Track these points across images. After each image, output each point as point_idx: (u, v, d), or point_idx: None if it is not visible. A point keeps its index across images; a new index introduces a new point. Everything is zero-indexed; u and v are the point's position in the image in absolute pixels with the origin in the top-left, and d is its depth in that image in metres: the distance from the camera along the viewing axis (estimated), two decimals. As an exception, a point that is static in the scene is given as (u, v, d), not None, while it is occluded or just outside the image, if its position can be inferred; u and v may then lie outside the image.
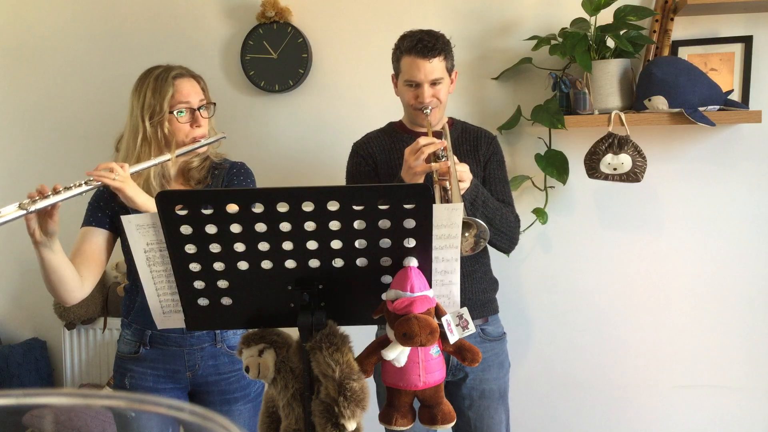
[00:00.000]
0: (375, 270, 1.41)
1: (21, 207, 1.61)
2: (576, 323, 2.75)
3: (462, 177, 1.89)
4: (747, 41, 2.51)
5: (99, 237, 1.98)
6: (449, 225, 1.42)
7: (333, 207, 1.33)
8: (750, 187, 2.61)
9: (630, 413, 2.74)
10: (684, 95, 2.38)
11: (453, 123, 2.24)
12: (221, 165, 2.08)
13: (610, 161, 2.43)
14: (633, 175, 2.44)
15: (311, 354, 1.35)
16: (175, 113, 1.94)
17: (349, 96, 2.83)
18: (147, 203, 1.80)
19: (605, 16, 2.46)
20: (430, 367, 1.42)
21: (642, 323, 2.71)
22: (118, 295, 2.91)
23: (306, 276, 1.41)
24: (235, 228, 1.35)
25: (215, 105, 2.05)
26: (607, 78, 2.48)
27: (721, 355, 2.67)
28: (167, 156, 1.92)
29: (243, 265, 1.40)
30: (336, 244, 1.37)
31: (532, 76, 2.68)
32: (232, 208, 1.34)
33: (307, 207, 1.33)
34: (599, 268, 2.72)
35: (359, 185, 2.02)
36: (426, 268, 1.40)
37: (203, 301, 1.46)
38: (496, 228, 2.05)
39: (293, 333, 1.46)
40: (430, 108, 2.09)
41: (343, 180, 2.27)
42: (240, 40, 2.86)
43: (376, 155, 2.19)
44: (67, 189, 1.70)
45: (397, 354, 1.38)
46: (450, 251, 1.45)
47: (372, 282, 1.43)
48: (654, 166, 2.52)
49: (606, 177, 2.46)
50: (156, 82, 1.95)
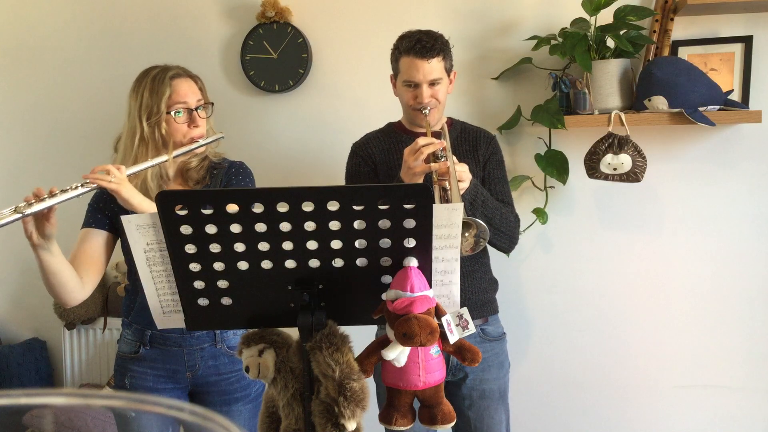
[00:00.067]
0: (375, 270, 1.41)
1: (17, 210, 1.61)
2: (576, 323, 2.75)
3: (461, 177, 1.89)
4: (747, 41, 2.51)
5: (99, 238, 1.98)
6: (449, 225, 1.42)
7: (333, 207, 1.32)
8: (750, 187, 2.61)
9: (630, 413, 2.74)
10: (684, 95, 2.38)
11: (452, 123, 2.24)
12: (220, 165, 2.08)
13: (610, 161, 2.43)
14: (633, 175, 2.44)
15: (311, 354, 1.35)
16: (173, 113, 1.94)
17: (349, 96, 2.83)
18: (143, 204, 1.80)
19: (605, 16, 2.46)
20: (430, 367, 1.42)
21: (642, 323, 2.71)
22: (118, 295, 2.91)
23: (306, 276, 1.41)
24: (235, 228, 1.35)
25: (213, 105, 2.05)
26: (607, 78, 2.48)
27: (721, 355, 2.67)
28: (164, 157, 1.92)
29: (243, 265, 1.40)
30: (336, 244, 1.37)
31: (532, 76, 2.68)
32: (232, 208, 1.34)
33: (307, 207, 1.33)
34: (599, 268, 2.72)
35: (359, 185, 2.02)
36: (426, 268, 1.40)
37: (203, 301, 1.46)
38: (495, 228, 2.05)
39: (293, 333, 1.46)
40: (428, 108, 2.09)
41: (343, 180, 2.27)
42: (240, 40, 2.86)
43: (375, 156, 2.19)
44: (64, 191, 1.69)
45: (397, 354, 1.38)
46: (450, 251, 1.45)
47: (372, 282, 1.43)
48: (654, 166, 2.52)
49: (606, 177, 2.46)
50: (153, 82, 1.94)
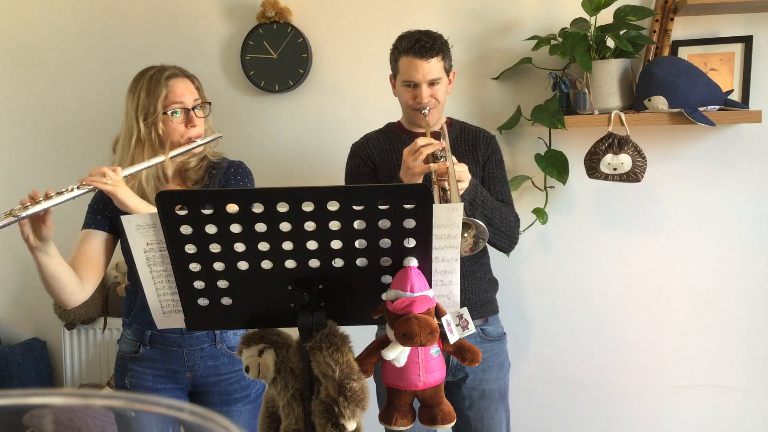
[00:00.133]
0: (375, 270, 1.41)
1: (12, 213, 1.61)
2: (576, 323, 2.75)
3: (460, 177, 1.89)
4: (747, 41, 2.51)
5: (99, 239, 1.98)
6: (449, 225, 1.42)
7: (333, 207, 1.32)
8: (750, 187, 2.61)
9: (630, 413, 2.74)
10: (684, 95, 2.38)
11: (451, 123, 2.24)
12: (219, 164, 2.07)
13: (610, 161, 2.43)
14: (633, 175, 2.44)
15: (311, 354, 1.35)
16: (170, 114, 1.93)
17: (349, 96, 2.83)
18: (139, 206, 1.80)
19: (605, 16, 2.46)
20: (430, 367, 1.42)
21: (642, 323, 2.71)
22: (118, 295, 2.91)
23: (306, 276, 1.41)
24: (235, 228, 1.35)
25: (210, 104, 2.04)
26: (607, 78, 2.48)
27: (721, 355, 2.67)
28: (161, 158, 1.92)
29: (243, 265, 1.40)
30: (336, 244, 1.37)
31: (532, 76, 2.68)
32: (232, 208, 1.34)
33: (307, 207, 1.33)
34: (599, 268, 2.72)
35: (359, 185, 2.02)
36: (426, 268, 1.40)
37: (203, 301, 1.46)
38: (495, 227, 2.05)
39: (293, 333, 1.46)
40: (428, 108, 2.08)
41: (343, 180, 2.27)
42: (240, 40, 2.85)
43: (374, 156, 2.19)
44: (60, 194, 1.69)
45: (397, 354, 1.38)
46: (450, 251, 1.45)
47: (372, 282, 1.43)
48: (654, 166, 2.52)
49: (606, 177, 2.46)
50: (149, 83, 1.94)
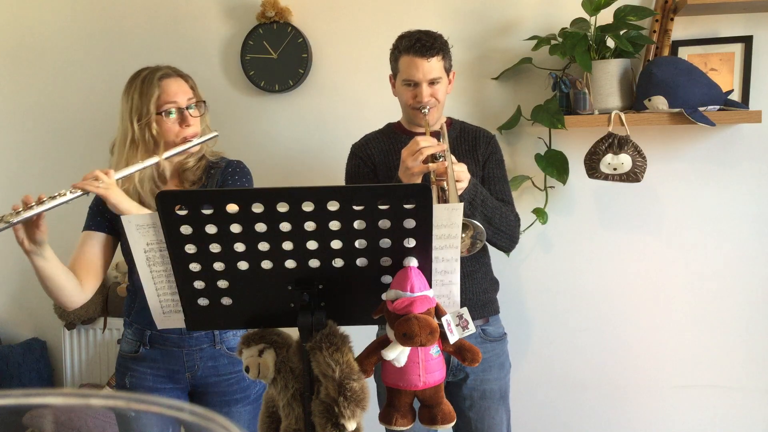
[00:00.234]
0: (375, 270, 1.41)
1: (3, 220, 1.61)
2: (576, 323, 2.75)
3: (459, 177, 1.88)
4: (747, 41, 2.51)
5: (99, 241, 1.98)
6: (449, 225, 1.42)
7: (333, 207, 1.32)
8: (750, 187, 2.61)
9: (630, 413, 2.74)
10: (684, 95, 2.38)
11: (451, 123, 2.24)
12: (217, 164, 2.06)
13: (610, 161, 2.43)
14: (633, 175, 2.44)
15: (311, 354, 1.35)
16: (164, 114, 1.93)
17: (349, 96, 2.83)
18: (132, 209, 1.78)
19: (605, 16, 2.46)
20: (430, 367, 1.42)
21: (642, 323, 2.71)
22: (118, 295, 2.91)
23: (306, 276, 1.41)
24: (235, 228, 1.35)
25: (206, 103, 2.02)
26: (607, 78, 2.48)
27: (721, 355, 2.67)
28: (155, 158, 1.91)
29: (243, 265, 1.40)
30: (336, 244, 1.37)
31: (532, 76, 2.68)
32: (232, 208, 1.34)
33: (307, 207, 1.33)
34: (599, 268, 2.72)
35: (359, 185, 2.01)
36: (426, 268, 1.40)
37: (203, 301, 1.46)
38: (495, 227, 2.04)
39: (293, 333, 1.46)
40: (428, 108, 2.08)
41: (343, 180, 2.27)
42: (240, 40, 2.85)
43: (374, 156, 2.19)
44: (52, 198, 1.69)
45: (397, 354, 1.38)
46: (450, 251, 1.45)
47: (372, 282, 1.43)
48: (654, 166, 2.52)
49: (606, 177, 2.46)
50: (142, 84, 1.94)
